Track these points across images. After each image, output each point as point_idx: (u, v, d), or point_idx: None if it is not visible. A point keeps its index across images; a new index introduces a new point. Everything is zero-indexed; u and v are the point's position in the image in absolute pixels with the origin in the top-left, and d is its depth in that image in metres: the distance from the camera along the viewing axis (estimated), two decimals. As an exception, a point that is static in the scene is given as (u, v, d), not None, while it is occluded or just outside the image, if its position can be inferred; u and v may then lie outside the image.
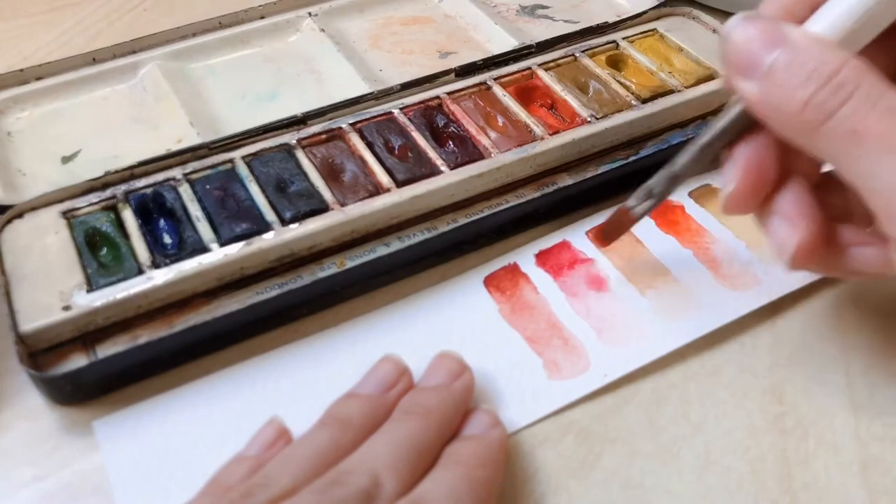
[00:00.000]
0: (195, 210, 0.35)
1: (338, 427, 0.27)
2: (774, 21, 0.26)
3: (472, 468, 0.27)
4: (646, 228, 0.36)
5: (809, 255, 0.28)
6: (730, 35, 0.27)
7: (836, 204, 0.29)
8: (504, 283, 0.35)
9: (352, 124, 0.38)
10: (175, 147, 0.38)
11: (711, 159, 0.30)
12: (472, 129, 0.38)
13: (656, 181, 0.31)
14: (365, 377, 0.30)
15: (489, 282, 0.35)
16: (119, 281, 0.32)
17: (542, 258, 0.35)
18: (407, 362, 0.30)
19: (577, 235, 0.36)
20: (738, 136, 0.29)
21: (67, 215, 0.35)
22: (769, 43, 0.26)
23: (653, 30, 0.44)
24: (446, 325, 0.33)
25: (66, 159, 0.39)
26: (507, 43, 0.44)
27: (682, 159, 0.30)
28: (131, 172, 0.36)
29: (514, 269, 0.35)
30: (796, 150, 0.27)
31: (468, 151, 0.37)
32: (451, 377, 0.30)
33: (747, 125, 0.28)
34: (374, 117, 0.39)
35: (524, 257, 0.35)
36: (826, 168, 0.29)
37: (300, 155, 0.37)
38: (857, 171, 0.25)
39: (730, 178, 0.29)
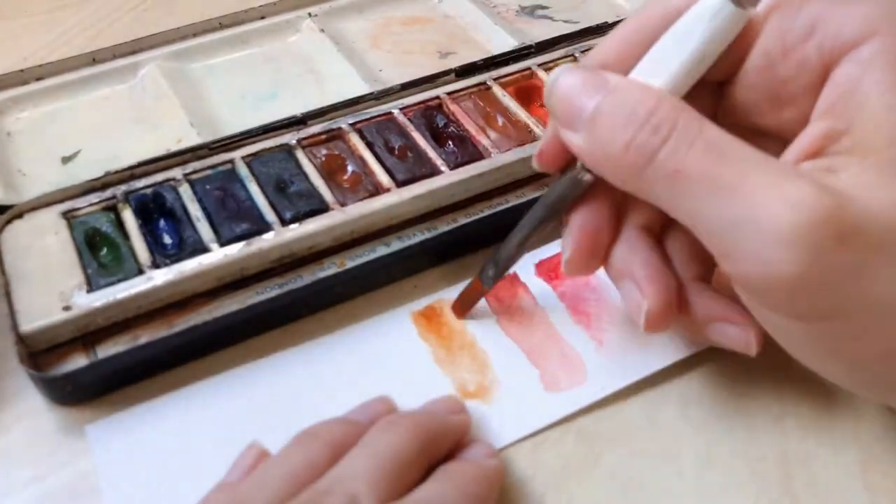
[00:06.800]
0: (195, 210, 0.35)
1: (312, 443, 0.26)
2: (596, 69, 0.26)
3: (467, 483, 0.26)
4: None
5: (661, 320, 0.27)
6: (553, 87, 0.26)
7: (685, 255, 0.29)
8: (502, 292, 0.34)
9: (352, 124, 0.38)
10: (175, 147, 0.38)
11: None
12: (472, 129, 0.38)
13: (503, 253, 0.31)
14: (354, 408, 0.29)
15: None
16: (119, 281, 0.32)
17: (542, 268, 0.35)
18: (402, 370, 0.30)
19: None
20: (574, 201, 0.28)
21: (67, 215, 0.35)
22: (591, 90, 0.25)
23: (653, 30, 0.44)
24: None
25: (66, 159, 0.39)
26: (506, 43, 0.44)
27: (525, 229, 0.30)
28: (131, 173, 0.36)
29: (513, 279, 0.35)
30: (639, 204, 0.27)
31: (468, 151, 0.37)
32: (447, 412, 0.29)
33: (581, 191, 0.28)
34: (374, 117, 0.39)
35: (524, 266, 0.35)
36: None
37: (300, 155, 0.37)
38: (686, 211, 0.24)
39: (566, 244, 0.29)
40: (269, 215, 0.34)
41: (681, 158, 0.23)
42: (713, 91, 0.28)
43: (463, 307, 0.33)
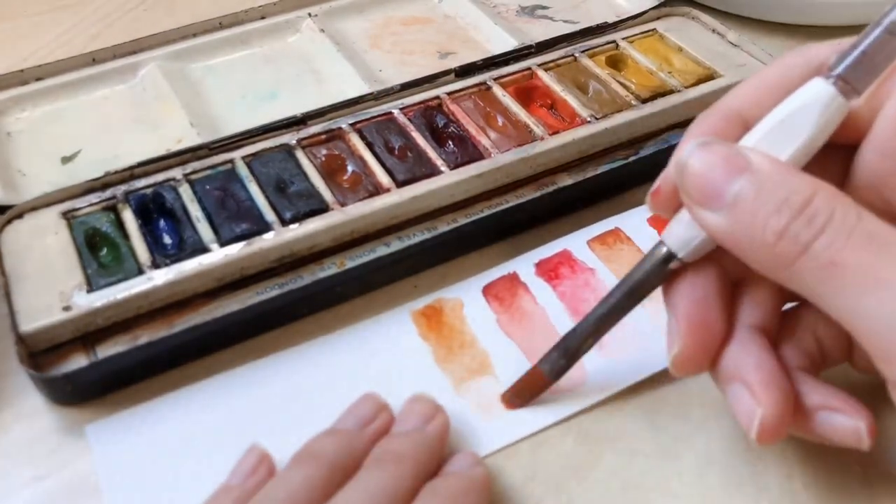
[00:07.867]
0: (195, 210, 0.35)
1: (311, 464, 0.26)
2: (733, 145, 0.24)
3: (455, 496, 0.26)
4: (648, 236, 0.36)
5: (777, 431, 0.25)
6: (687, 163, 0.24)
7: (804, 346, 0.27)
8: (503, 292, 0.34)
9: (352, 124, 0.38)
10: (175, 147, 0.38)
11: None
12: (472, 129, 0.38)
13: (572, 340, 0.28)
14: (344, 414, 0.29)
15: (488, 291, 0.34)
16: (119, 281, 0.32)
17: (542, 267, 0.35)
18: (402, 369, 0.30)
19: (579, 244, 0.36)
20: (662, 283, 0.27)
21: (67, 216, 0.35)
22: (732, 170, 0.23)
23: (652, 30, 0.45)
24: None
25: (66, 159, 0.39)
26: (506, 43, 0.44)
27: (600, 312, 0.28)
28: (131, 173, 0.36)
29: (513, 279, 0.35)
30: (747, 292, 0.26)
31: (468, 151, 0.37)
32: (423, 421, 0.28)
33: (665, 277, 0.26)
34: (374, 117, 0.39)
35: (524, 266, 0.35)
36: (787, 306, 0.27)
37: (300, 155, 0.37)
38: (841, 305, 0.22)
39: (672, 339, 0.26)
40: (269, 215, 0.34)
41: (838, 249, 0.22)
42: (839, 158, 0.26)
43: (520, 400, 0.30)
